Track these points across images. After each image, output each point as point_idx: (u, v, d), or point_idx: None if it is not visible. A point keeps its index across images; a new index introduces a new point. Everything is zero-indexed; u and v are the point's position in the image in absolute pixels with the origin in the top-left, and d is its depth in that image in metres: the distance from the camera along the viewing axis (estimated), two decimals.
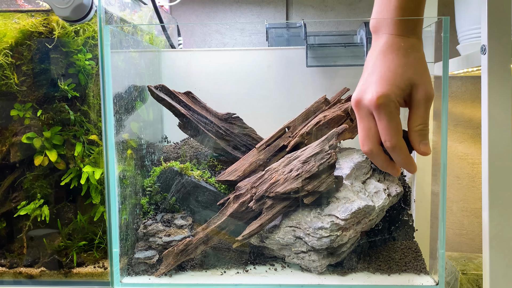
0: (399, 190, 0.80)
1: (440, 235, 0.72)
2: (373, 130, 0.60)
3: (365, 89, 0.60)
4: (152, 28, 1.01)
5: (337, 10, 1.28)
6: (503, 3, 0.65)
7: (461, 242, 1.26)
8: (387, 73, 0.59)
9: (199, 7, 1.30)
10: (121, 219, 0.75)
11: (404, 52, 0.61)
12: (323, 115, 0.84)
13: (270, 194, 0.74)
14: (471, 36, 0.92)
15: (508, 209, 0.66)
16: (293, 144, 0.82)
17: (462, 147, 1.24)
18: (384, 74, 0.59)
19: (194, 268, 0.78)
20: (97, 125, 0.80)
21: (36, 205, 0.79)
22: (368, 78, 0.61)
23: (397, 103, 0.58)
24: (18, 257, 0.80)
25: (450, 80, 1.21)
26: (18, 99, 0.78)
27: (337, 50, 0.95)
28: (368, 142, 0.60)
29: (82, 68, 0.78)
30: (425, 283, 0.73)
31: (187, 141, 0.98)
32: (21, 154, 0.79)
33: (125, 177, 0.78)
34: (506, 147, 0.66)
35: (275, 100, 0.99)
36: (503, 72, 0.66)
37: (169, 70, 1.02)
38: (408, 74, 0.59)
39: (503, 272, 0.67)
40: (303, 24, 0.98)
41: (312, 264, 0.75)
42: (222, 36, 1.31)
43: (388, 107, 0.58)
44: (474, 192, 1.24)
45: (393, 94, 0.58)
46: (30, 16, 0.77)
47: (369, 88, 0.59)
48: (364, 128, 0.61)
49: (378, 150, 0.61)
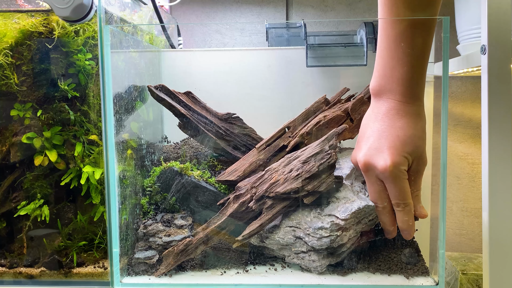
0: None
1: (440, 235, 0.72)
2: (384, 191, 0.65)
3: (375, 154, 0.63)
4: (152, 28, 1.01)
5: (337, 10, 1.28)
6: (503, 3, 0.65)
7: (461, 242, 1.26)
8: (396, 142, 0.63)
9: (199, 7, 1.30)
10: (121, 219, 0.75)
11: (411, 120, 0.64)
12: (323, 115, 0.84)
13: (270, 194, 0.74)
14: (471, 36, 0.92)
15: (508, 209, 0.66)
16: (293, 144, 0.82)
17: (462, 147, 1.24)
18: (394, 143, 0.63)
19: (194, 268, 0.78)
20: (97, 125, 0.80)
21: (36, 205, 0.79)
22: (376, 143, 0.64)
23: (405, 171, 0.63)
24: (18, 257, 0.80)
25: (450, 80, 1.21)
26: (18, 99, 0.78)
27: (337, 50, 0.95)
28: (381, 201, 0.66)
29: (82, 68, 0.78)
30: (425, 283, 0.73)
31: (187, 141, 0.98)
32: (21, 154, 0.79)
33: (125, 177, 0.78)
34: (506, 147, 0.66)
35: (275, 100, 0.99)
36: (503, 72, 0.66)
37: (169, 70, 1.02)
38: (415, 144, 0.64)
39: (503, 272, 0.67)
40: (303, 24, 0.98)
41: (312, 264, 0.75)
42: (222, 36, 1.31)
43: (401, 176, 0.63)
44: (474, 192, 1.24)
45: (404, 164, 0.62)
46: (30, 16, 0.77)
47: (379, 156, 0.63)
48: (375, 190, 0.66)
49: (390, 207, 0.65)
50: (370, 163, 0.63)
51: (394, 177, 0.61)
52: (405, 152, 0.62)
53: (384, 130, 0.63)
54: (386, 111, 0.63)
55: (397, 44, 0.61)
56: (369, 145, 0.64)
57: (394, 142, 0.62)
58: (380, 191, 0.65)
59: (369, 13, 1.26)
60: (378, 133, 0.63)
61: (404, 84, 0.62)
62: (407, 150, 0.62)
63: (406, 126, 0.62)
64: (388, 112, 0.63)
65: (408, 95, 0.63)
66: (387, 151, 0.61)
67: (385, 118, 0.63)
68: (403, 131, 0.62)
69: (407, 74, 0.62)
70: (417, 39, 0.61)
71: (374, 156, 0.63)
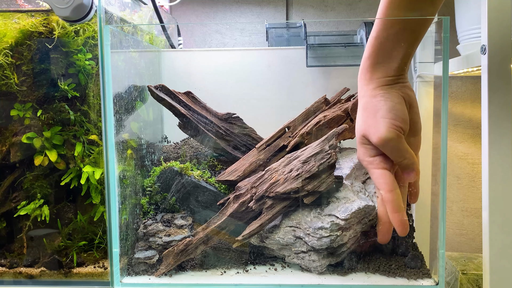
0: None
1: (440, 235, 0.72)
2: (387, 173, 0.65)
3: (369, 125, 0.66)
4: (152, 28, 1.01)
5: (337, 10, 1.28)
6: (503, 3, 0.65)
7: (461, 242, 1.26)
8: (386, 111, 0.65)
9: (199, 7, 1.30)
10: (121, 219, 0.75)
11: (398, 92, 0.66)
12: (323, 115, 0.84)
13: (270, 194, 0.74)
14: (471, 36, 0.92)
15: (508, 209, 0.66)
16: (293, 144, 0.82)
17: (462, 147, 1.24)
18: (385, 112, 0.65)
19: (194, 268, 0.78)
20: (97, 125, 0.80)
21: (36, 205, 0.79)
22: (366, 114, 0.66)
23: (400, 133, 0.64)
24: (18, 257, 0.80)
25: (450, 80, 1.21)
26: (18, 99, 0.78)
27: (337, 50, 0.95)
28: (386, 184, 0.64)
29: (82, 68, 0.78)
30: (425, 283, 0.73)
31: (187, 141, 0.98)
32: (21, 154, 0.79)
33: (125, 177, 0.78)
34: (506, 147, 0.66)
35: (275, 100, 0.99)
36: (503, 72, 0.66)
37: (169, 70, 1.02)
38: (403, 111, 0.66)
39: (503, 272, 0.67)
40: (303, 24, 0.99)
41: (312, 264, 0.75)
42: (222, 36, 1.31)
43: (397, 137, 0.64)
44: (474, 192, 1.24)
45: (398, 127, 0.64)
46: (30, 16, 0.77)
47: (373, 126, 0.65)
48: (378, 171, 0.66)
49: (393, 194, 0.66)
50: (365, 134, 0.64)
51: (390, 140, 0.61)
52: (396, 118, 0.62)
53: (373, 103, 0.63)
54: (375, 86, 0.64)
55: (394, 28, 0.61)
56: (363, 118, 0.65)
57: (384, 111, 0.62)
58: (383, 172, 0.63)
59: (369, 13, 1.26)
60: (368, 106, 0.64)
61: (395, 61, 0.63)
62: (396, 116, 0.62)
63: (393, 97, 0.62)
64: (377, 87, 0.64)
65: (397, 70, 0.63)
66: (380, 119, 0.61)
67: (374, 92, 0.64)
68: (391, 102, 0.62)
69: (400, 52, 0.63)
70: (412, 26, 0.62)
71: (368, 128, 0.63)
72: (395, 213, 0.63)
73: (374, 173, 0.64)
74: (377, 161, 0.64)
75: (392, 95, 0.63)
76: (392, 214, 0.63)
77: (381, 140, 0.62)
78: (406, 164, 0.64)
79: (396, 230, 0.64)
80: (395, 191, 0.63)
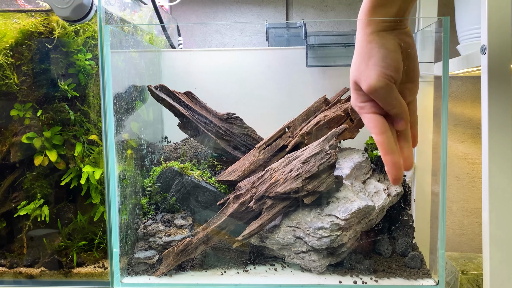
0: (399, 190, 0.80)
1: (440, 235, 0.72)
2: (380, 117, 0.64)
3: (360, 72, 0.65)
4: (152, 28, 1.01)
5: (337, 10, 1.28)
6: (503, 3, 0.65)
7: (461, 242, 1.26)
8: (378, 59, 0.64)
9: (199, 7, 1.30)
10: (121, 219, 0.75)
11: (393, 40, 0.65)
12: (323, 115, 0.84)
13: (270, 194, 0.74)
14: (471, 36, 0.92)
15: (508, 209, 0.66)
16: (293, 144, 0.82)
17: (462, 147, 1.24)
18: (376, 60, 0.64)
19: (194, 268, 0.78)
20: (97, 125, 0.80)
21: (36, 205, 0.79)
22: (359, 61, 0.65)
23: (391, 82, 0.63)
24: (18, 257, 0.80)
25: (450, 80, 1.21)
26: (18, 99, 0.78)
27: (337, 50, 0.95)
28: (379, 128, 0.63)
29: (82, 68, 0.78)
30: (425, 283, 0.73)
31: (187, 141, 0.98)
32: (21, 154, 0.79)
33: (125, 177, 0.78)
34: (506, 147, 0.66)
35: (275, 100, 0.99)
36: (503, 72, 0.66)
37: (169, 70, 1.02)
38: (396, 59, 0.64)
39: (503, 272, 0.67)
40: (303, 24, 0.98)
41: (312, 264, 0.75)
42: (222, 36, 1.31)
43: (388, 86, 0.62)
44: (474, 192, 1.24)
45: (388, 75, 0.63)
46: (30, 16, 0.76)
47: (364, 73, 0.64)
48: (369, 115, 0.65)
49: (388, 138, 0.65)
50: (357, 80, 0.64)
51: (380, 88, 0.61)
52: (388, 67, 0.62)
53: (368, 48, 0.64)
54: (372, 31, 0.64)
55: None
56: (356, 64, 0.65)
57: (377, 58, 0.62)
58: (373, 115, 0.64)
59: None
60: (362, 51, 0.64)
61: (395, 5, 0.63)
62: (388, 64, 0.62)
63: (388, 44, 0.63)
64: (374, 31, 0.64)
65: (397, 14, 0.63)
66: (372, 67, 0.62)
67: (370, 37, 0.64)
68: (385, 49, 0.62)
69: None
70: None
71: (360, 75, 0.63)
72: (387, 155, 0.63)
73: (365, 118, 0.65)
74: (368, 106, 0.65)
75: (388, 42, 0.63)
76: (384, 157, 0.63)
77: (370, 88, 0.62)
78: (395, 113, 0.64)
79: (388, 173, 0.64)
80: (386, 134, 0.63)
